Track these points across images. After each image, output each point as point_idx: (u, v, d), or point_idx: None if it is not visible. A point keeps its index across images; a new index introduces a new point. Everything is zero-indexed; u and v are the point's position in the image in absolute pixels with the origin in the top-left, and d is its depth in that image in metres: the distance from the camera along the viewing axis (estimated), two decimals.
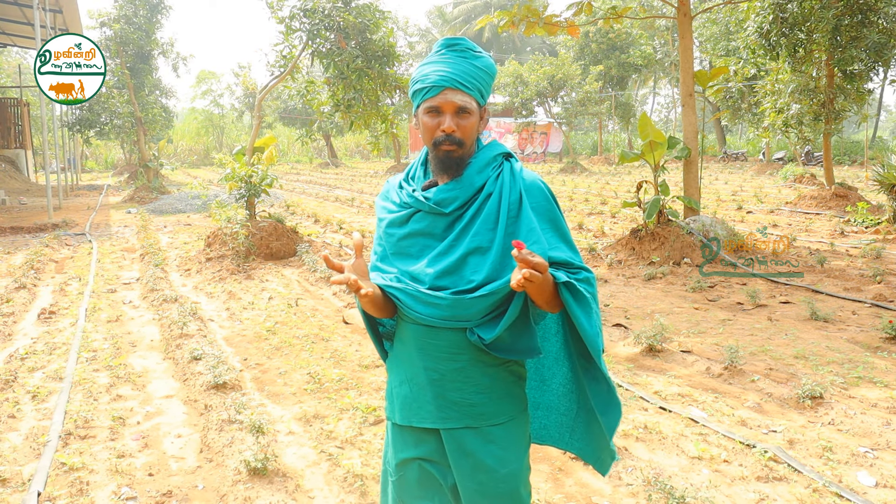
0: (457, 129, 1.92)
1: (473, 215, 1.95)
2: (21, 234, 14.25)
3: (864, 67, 14.35)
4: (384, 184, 2.18)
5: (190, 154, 55.01)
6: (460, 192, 1.95)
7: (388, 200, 2.10)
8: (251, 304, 7.86)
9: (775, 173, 26.07)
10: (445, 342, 1.95)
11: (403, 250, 2.01)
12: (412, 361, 2.02)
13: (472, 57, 1.99)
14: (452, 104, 1.92)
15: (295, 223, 13.22)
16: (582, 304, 1.87)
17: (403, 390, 2.05)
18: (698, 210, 10.44)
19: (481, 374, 1.98)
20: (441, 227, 1.97)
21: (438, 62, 1.97)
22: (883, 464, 3.83)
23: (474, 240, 1.91)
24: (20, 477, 3.87)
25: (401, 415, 2.06)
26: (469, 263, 1.90)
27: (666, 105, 74.07)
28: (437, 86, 1.93)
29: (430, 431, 2.03)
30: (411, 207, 2.00)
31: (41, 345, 6.41)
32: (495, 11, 10.93)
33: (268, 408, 4.87)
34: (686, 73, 10.43)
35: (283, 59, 12.60)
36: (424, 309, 1.91)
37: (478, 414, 1.99)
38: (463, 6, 63.88)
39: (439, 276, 1.91)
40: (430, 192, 1.98)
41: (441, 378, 1.98)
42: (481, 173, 1.97)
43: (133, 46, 23.62)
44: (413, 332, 1.99)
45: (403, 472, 2.08)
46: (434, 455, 2.04)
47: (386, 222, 2.06)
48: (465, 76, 1.94)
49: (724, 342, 6.03)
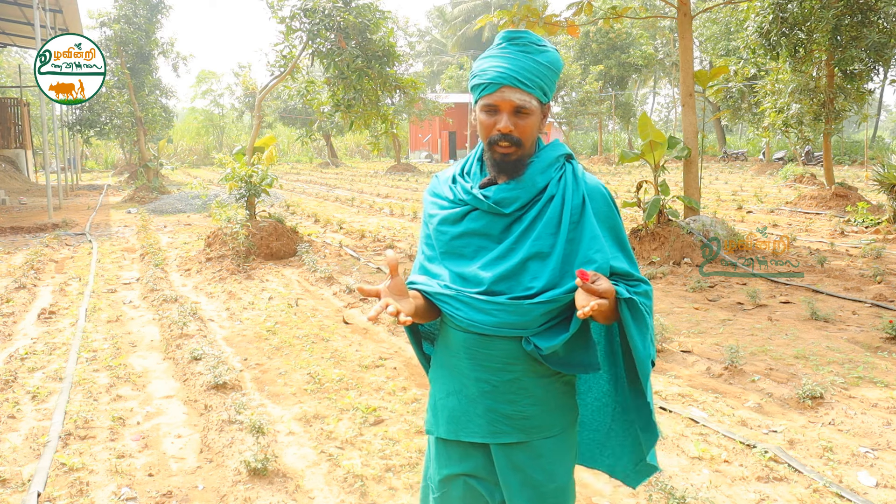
0: (514, 128, 1.80)
1: (535, 218, 1.84)
2: (21, 234, 14.24)
3: (865, 67, 14.35)
4: (432, 178, 2.06)
5: (190, 154, 55.00)
6: (521, 193, 1.84)
7: (439, 196, 1.98)
8: (251, 304, 7.86)
9: (775, 173, 26.08)
10: (499, 352, 1.85)
11: (456, 250, 1.90)
12: (461, 372, 1.92)
13: (536, 52, 1.85)
14: (510, 103, 1.81)
15: (295, 223, 13.21)
16: (639, 323, 1.79)
17: (450, 402, 1.95)
18: (698, 210, 10.44)
19: (535, 385, 1.89)
20: (499, 229, 1.86)
21: (498, 57, 1.85)
22: (883, 464, 3.83)
23: (535, 244, 1.81)
24: (20, 477, 3.86)
25: (447, 428, 1.95)
26: (529, 269, 1.81)
27: (666, 105, 74.12)
28: (495, 83, 1.81)
29: (477, 446, 1.94)
30: (467, 205, 1.89)
31: (41, 345, 6.41)
32: (495, 11, 10.91)
33: (268, 408, 4.86)
34: (686, 72, 10.43)
35: (283, 59, 12.60)
36: (479, 316, 1.81)
37: (530, 427, 1.90)
38: (463, 6, 63.87)
39: (496, 280, 1.81)
40: (489, 190, 1.87)
41: (493, 390, 1.88)
42: (544, 174, 1.87)
43: (133, 46, 23.62)
44: (463, 341, 1.88)
45: (447, 489, 1.98)
46: (481, 471, 1.95)
47: (438, 219, 1.94)
48: (526, 73, 1.81)
49: (724, 342, 6.03)
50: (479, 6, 62.45)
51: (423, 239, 2.04)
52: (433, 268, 1.95)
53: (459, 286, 1.86)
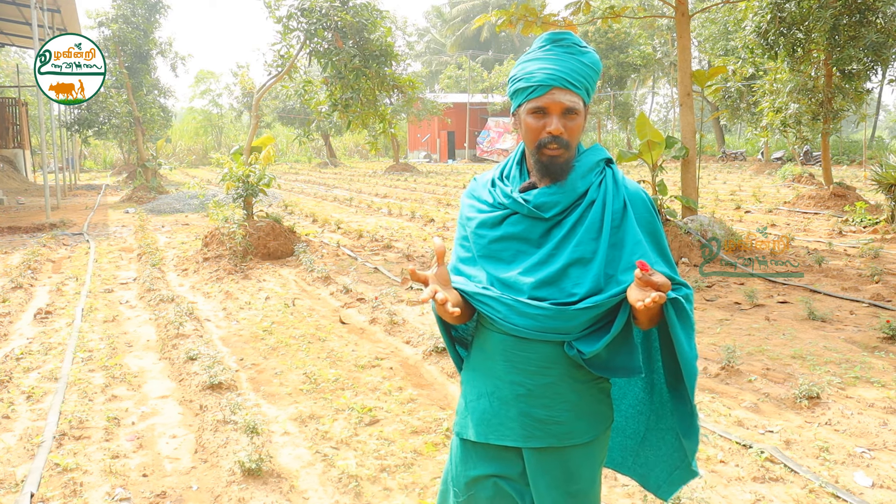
0: (564, 130, 1.79)
1: (576, 223, 1.82)
2: (18, 233, 14.22)
3: (863, 67, 14.36)
4: (470, 181, 2.05)
5: (188, 154, 54.98)
6: (562, 197, 1.82)
7: (477, 199, 1.97)
8: (248, 304, 7.85)
9: (774, 173, 26.09)
10: (537, 355, 1.83)
11: (494, 254, 1.88)
12: (496, 374, 1.90)
13: (580, 53, 1.84)
14: (560, 105, 1.79)
15: (293, 223, 13.21)
16: (685, 325, 1.76)
17: (482, 405, 1.93)
18: (696, 210, 10.43)
19: (571, 390, 1.87)
20: (538, 233, 1.85)
21: (544, 59, 1.83)
22: (879, 464, 3.82)
23: (577, 250, 1.79)
24: (13, 478, 3.85)
25: (476, 431, 1.93)
26: (570, 275, 1.79)
27: (665, 105, 74.12)
28: (545, 85, 1.79)
29: (508, 449, 1.92)
30: (507, 209, 1.88)
31: (37, 345, 6.40)
32: (493, 11, 10.90)
33: (263, 408, 4.85)
34: (684, 72, 10.42)
35: (280, 59, 12.59)
36: (521, 320, 1.79)
37: (563, 433, 1.88)
38: (461, 6, 63.90)
39: (538, 286, 1.79)
40: (529, 194, 1.85)
41: (528, 393, 1.86)
42: (584, 178, 1.85)
43: (131, 46, 23.63)
44: (500, 343, 1.87)
45: (475, 491, 1.95)
46: (513, 473, 1.93)
47: (476, 222, 1.92)
48: (574, 74, 1.80)
49: (721, 342, 6.02)
50: (477, 6, 62.47)
51: (458, 241, 2.03)
52: (469, 269, 1.94)
53: (498, 289, 1.84)
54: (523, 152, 1.95)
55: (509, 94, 1.92)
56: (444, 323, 2.01)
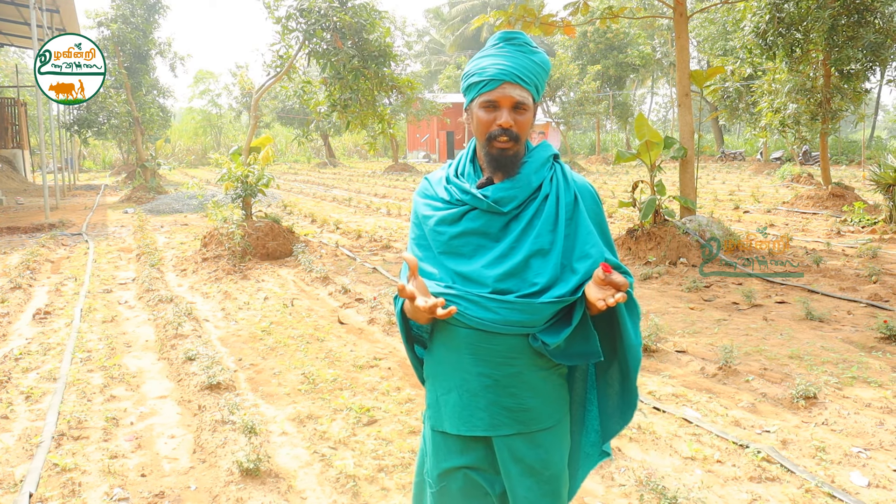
0: (514, 124, 1.88)
1: (533, 216, 1.91)
2: (17, 234, 14.23)
3: (861, 67, 14.37)
4: (422, 180, 2.11)
5: (188, 154, 54.95)
6: (519, 192, 1.90)
7: (432, 198, 2.03)
8: (246, 305, 7.85)
9: (773, 173, 26.10)
10: (503, 346, 1.90)
11: (455, 249, 1.94)
12: (463, 367, 1.95)
13: (531, 52, 1.93)
14: (511, 99, 1.88)
15: (292, 223, 13.21)
16: (632, 314, 1.91)
17: (452, 398, 1.98)
18: (694, 210, 10.44)
19: (535, 377, 1.95)
20: (497, 227, 1.92)
21: (496, 55, 1.92)
22: (876, 464, 3.83)
23: (537, 241, 1.88)
24: (12, 478, 3.86)
25: (450, 423, 1.99)
26: (532, 266, 1.87)
27: (664, 105, 74.18)
28: (496, 79, 1.88)
29: (478, 439, 1.98)
30: (465, 205, 1.94)
31: (36, 345, 6.40)
32: (491, 11, 10.91)
33: (261, 408, 4.86)
34: (682, 72, 10.43)
35: (279, 59, 12.58)
36: (487, 314, 1.86)
37: (530, 419, 1.95)
38: (460, 6, 63.88)
39: (501, 278, 1.86)
40: (486, 189, 1.92)
41: (495, 384, 1.92)
42: (538, 173, 1.93)
43: (130, 46, 23.62)
44: (466, 338, 1.93)
45: (446, 483, 2.01)
46: (482, 463, 2.00)
47: (435, 220, 1.98)
48: (525, 71, 1.89)
49: (719, 342, 6.03)
50: (476, 6, 62.46)
51: (413, 240, 2.08)
52: (428, 268, 1.99)
53: (460, 284, 1.91)
54: (475, 149, 2.03)
55: (463, 89, 2.00)
56: (405, 325, 2.07)
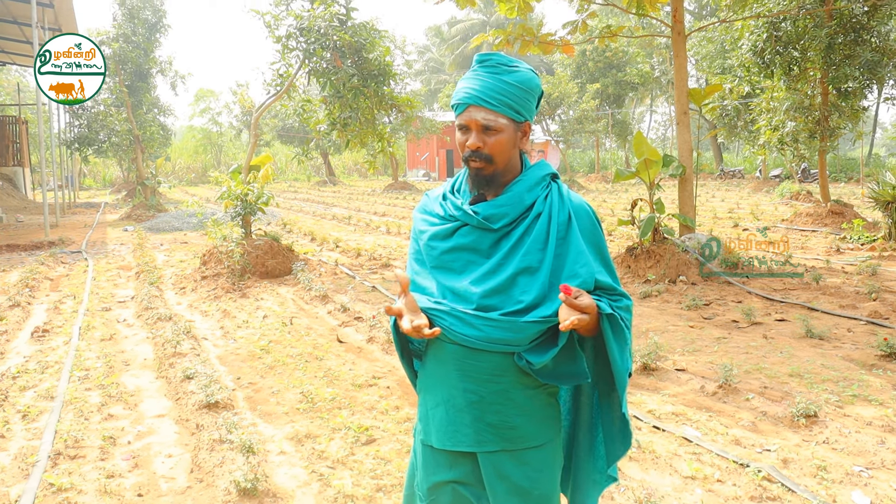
0: (483, 145, 1.90)
1: (523, 234, 1.92)
2: (17, 251, 14.23)
3: (858, 85, 14.45)
4: (423, 196, 2.14)
5: (188, 172, 55.11)
6: (510, 209, 1.93)
7: (429, 213, 2.07)
8: (245, 323, 7.84)
9: (772, 190, 26.17)
10: (488, 364, 1.91)
11: (446, 264, 1.97)
12: (450, 383, 1.97)
13: (504, 72, 1.93)
14: (476, 122, 1.90)
15: (291, 241, 13.21)
16: (618, 338, 1.88)
17: (439, 413, 2.00)
18: (693, 228, 10.45)
19: (522, 395, 1.94)
20: (487, 244, 1.94)
21: (469, 78, 1.96)
22: (877, 483, 3.80)
23: (525, 259, 1.88)
24: (7, 498, 3.83)
25: (437, 437, 2.00)
26: (518, 283, 1.88)
27: (663, 123, 74.43)
28: (463, 103, 1.93)
29: (465, 454, 1.98)
30: (457, 221, 1.97)
31: (34, 363, 6.38)
32: (491, 31, 10.98)
33: (259, 427, 4.83)
34: (681, 90, 10.48)
35: (279, 78, 12.65)
36: (471, 331, 1.87)
37: (516, 437, 1.95)
38: (460, 25, 64.33)
39: (487, 294, 1.88)
40: (478, 206, 1.95)
41: (480, 400, 1.93)
42: (531, 192, 1.95)
43: (132, 65, 23.74)
44: (452, 353, 1.94)
45: (436, 496, 2.02)
46: (469, 478, 1.99)
47: (428, 235, 2.02)
48: (491, 93, 1.90)
49: (718, 360, 6.02)
50: (476, 25, 62.90)
51: (412, 255, 2.11)
52: (422, 282, 2.02)
53: (450, 300, 1.93)
54: None
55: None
56: (400, 340, 2.10)
